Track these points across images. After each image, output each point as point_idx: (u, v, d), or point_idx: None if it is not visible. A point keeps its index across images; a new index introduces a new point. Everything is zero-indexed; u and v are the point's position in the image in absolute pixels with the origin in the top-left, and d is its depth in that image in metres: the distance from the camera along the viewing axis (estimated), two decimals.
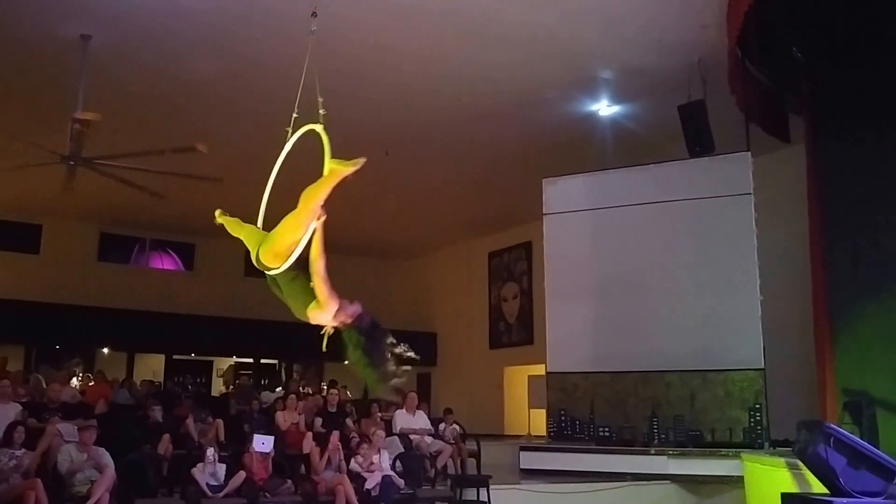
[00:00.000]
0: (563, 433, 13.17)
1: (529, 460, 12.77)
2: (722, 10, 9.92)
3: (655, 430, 12.37)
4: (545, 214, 13.93)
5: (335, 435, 10.75)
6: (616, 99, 12.78)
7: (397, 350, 4.42)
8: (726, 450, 11.38)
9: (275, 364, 23.15)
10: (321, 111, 5.24)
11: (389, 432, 11.97)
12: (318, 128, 5.05)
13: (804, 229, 10.77)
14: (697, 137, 12.08)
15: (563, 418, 13.20)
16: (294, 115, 5.41)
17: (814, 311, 10.36)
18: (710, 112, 11.71)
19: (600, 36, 10.84)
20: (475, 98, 12.68)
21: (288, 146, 5.21)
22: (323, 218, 4.54)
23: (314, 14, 6.10)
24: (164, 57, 11.26)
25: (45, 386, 13.07)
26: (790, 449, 9.00)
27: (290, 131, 5.25)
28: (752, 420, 11.69)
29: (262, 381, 20.62)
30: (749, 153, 12.06)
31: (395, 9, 10.02)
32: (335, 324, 4.49)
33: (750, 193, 12.06)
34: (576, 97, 12.72)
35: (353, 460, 10.45)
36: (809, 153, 10.61)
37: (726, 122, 11.60)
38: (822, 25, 10.08)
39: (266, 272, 4.69)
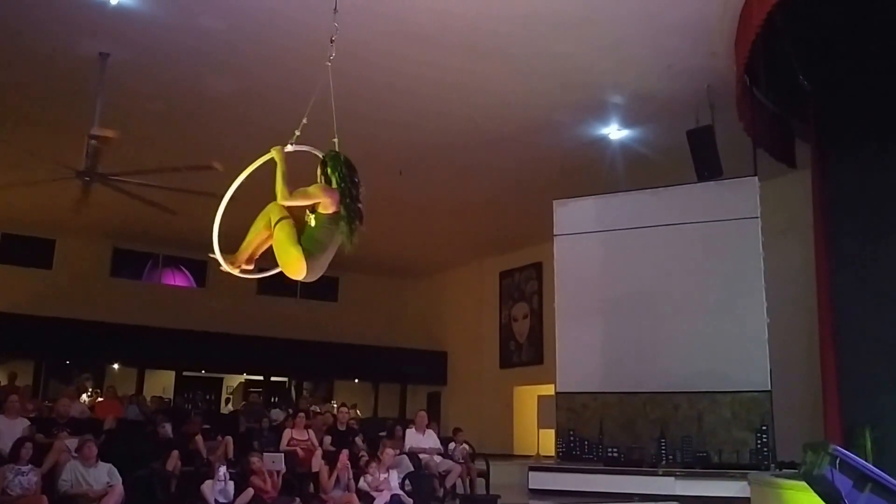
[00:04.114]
0: (572, 453, 13.15)
1: (538, 480, 12.75)
2: (730, 39, 10.04)
3: (663, 452, 12.36)
4: (556, 235, 13.96)
5: (344, 453, 10.79)
6: (626, 123, 12.89)
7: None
8: (733, 471, 11.40)
9: (285, 382, 23.14)
10: (335, 140, 5.41)
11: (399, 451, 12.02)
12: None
13: (810, 253, 10.85)
14: (706, 162, 12.18)
15: (571, 438, 13.19)
16: (297, 132, 5.59)
17: (819, 333, 10.41)
18: (719, 137, 11.83)
19: (612, 62, 10.96)
20: (488, 121, 12.81)
21: (253, 166, 5.59)
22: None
23: (332, 41, 6.12)
24: (180, 75, 11.40)
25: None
26: (796, 471, 9.03)
27: (292, 142, 5.52)
28: (759, 442, 11.70)
29: (272, 399, 20.57)
30: (756, 178, 12.12)
31: (411, 35, 10.16)
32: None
33: (757, 217, 12.10)
34: (587, 121, 12.83)
35: (361, 479, 10.48)
36: (815, 178, 10.71)
37: (734, 147, 11.69)
38: (828, 54, 10.21)
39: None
